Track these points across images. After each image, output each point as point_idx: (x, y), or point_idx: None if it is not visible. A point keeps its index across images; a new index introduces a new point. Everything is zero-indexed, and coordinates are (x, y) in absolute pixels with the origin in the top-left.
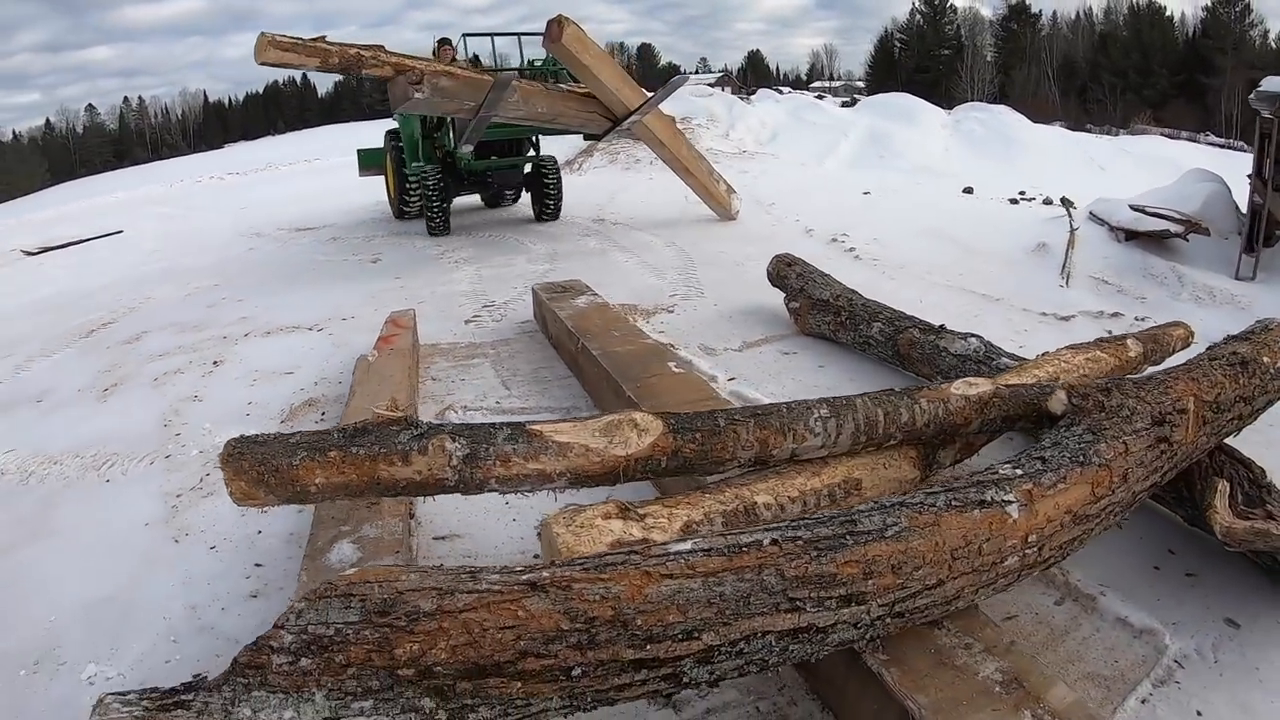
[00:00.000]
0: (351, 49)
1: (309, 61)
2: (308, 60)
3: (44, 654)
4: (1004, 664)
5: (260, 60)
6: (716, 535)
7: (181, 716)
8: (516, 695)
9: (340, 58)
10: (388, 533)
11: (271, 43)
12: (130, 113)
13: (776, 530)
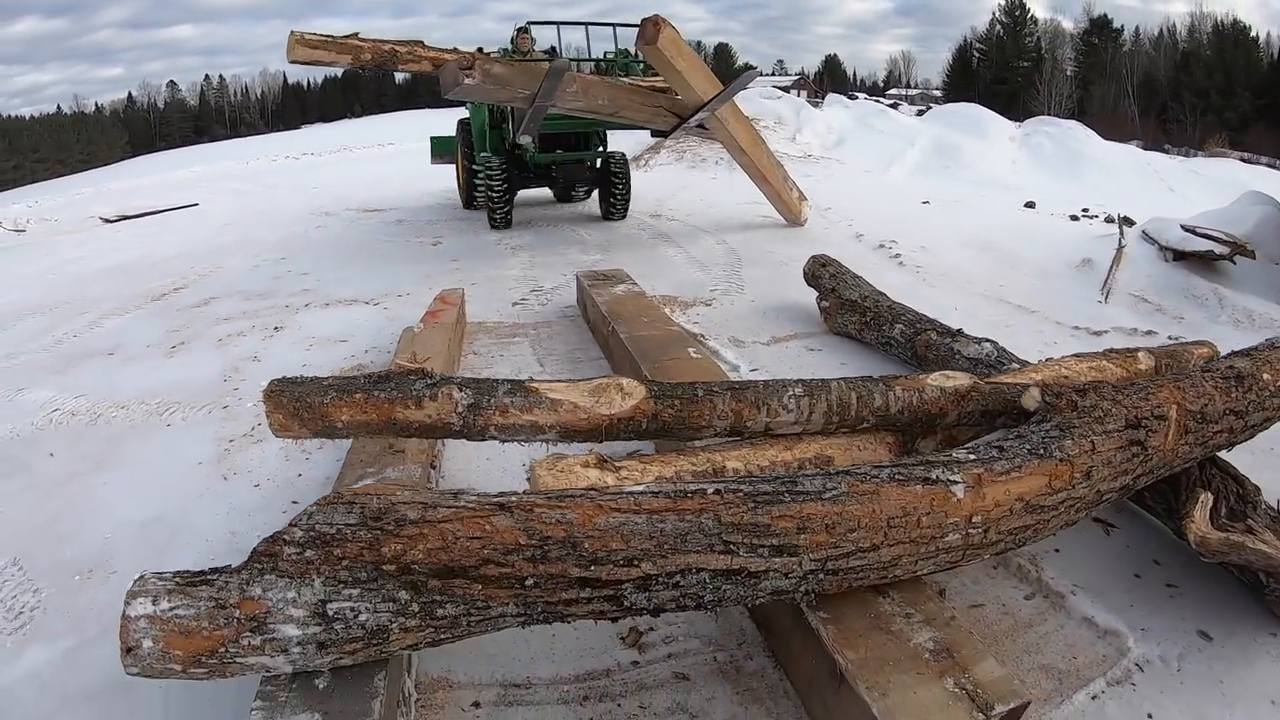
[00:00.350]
0: (385, 44)
1: (340, 58)
2: (339, 57)
3: (98, 564)
4: (939, 635)
5: (291, 59)
6: (668, 482)
7: (204, 590)
8: (478, 596)
9: (373, 54)
10: (407, 475)
11: (300, 41)
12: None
13: (721, 482)
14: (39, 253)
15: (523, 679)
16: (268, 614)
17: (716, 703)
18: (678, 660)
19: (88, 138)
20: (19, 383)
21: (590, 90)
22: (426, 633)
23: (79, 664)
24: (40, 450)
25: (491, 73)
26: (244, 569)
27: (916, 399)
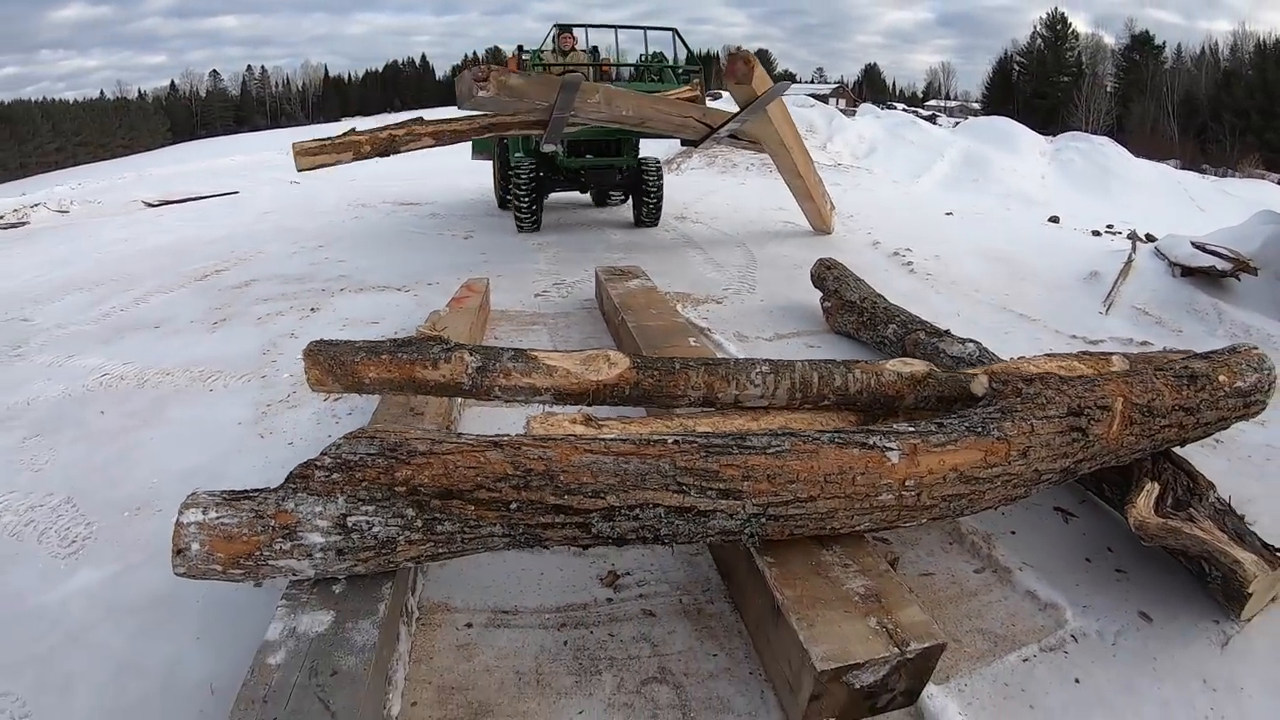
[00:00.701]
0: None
1: (341, 157)
2: (340, 155)
3: (144, 503)
4: (871, 583)
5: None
6: (636, 432)
7: (246, 504)
8: (471, 516)
9: (372, 144)
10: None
11: (300, 151)
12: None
13: (681, 435)
14: (84, 233)
15: (511, 607)
16: (298, 524)
17: (676, 636)
18: (647, 600)
19: (130, 123)
20: (70, 350)
21: (614, 101)
22: (427, 546)
23: (124, 584)
24: (91, 408)
25: (507, 85)
26: (280, 489)
27: (874, 381)
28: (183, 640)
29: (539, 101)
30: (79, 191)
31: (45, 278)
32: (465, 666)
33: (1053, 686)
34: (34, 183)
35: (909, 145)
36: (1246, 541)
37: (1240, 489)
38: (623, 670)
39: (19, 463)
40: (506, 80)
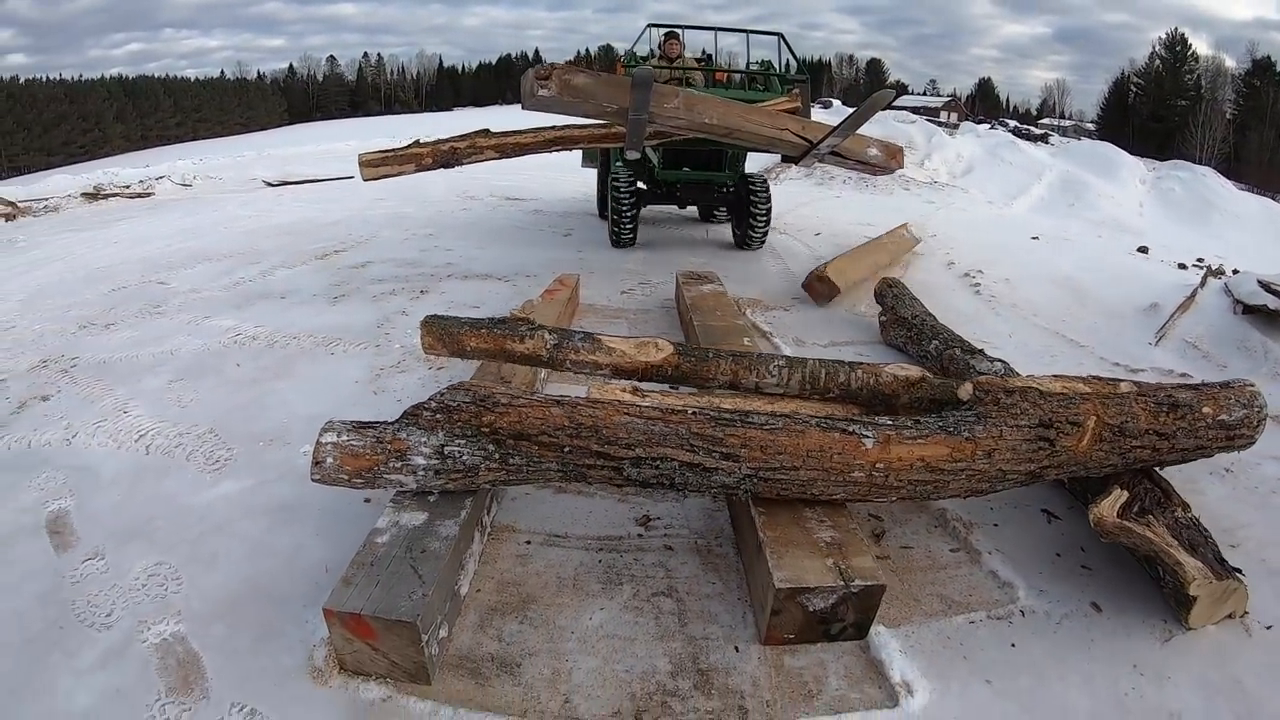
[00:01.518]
0: (445, 145)
1: (404, 168)
2: (402, 167)
3: (276, 436)
4: (838, 536)
5: (366, 179)
6: (668, 403)
7: (370, 432)
8: (535, 453)
9: (433, 156)
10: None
11: (364, 163)
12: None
13: (700, 408)
14: (207, 207)
15: (562, 533)
16: (408, 449)
17: (687, 566)
18: (670, 539)
19: (248, 103)
20: (205, 312)
21: (695, 107)
22: (501, 474)
23: (259, 494)
24: (228, 360)
25: (571, 84)
26: (396, 422)
27: (873, 380)
28: (304, 535)
29: (608, 104)
30: (200, 167)
31: (176, 247)
32: (521, 570)
33: (989, 646)
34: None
35: (1007, 166)
36: (1199, 552)
37: (1236, 515)
38: (640, 585)
39: (168, 400)
40: (571, 79)
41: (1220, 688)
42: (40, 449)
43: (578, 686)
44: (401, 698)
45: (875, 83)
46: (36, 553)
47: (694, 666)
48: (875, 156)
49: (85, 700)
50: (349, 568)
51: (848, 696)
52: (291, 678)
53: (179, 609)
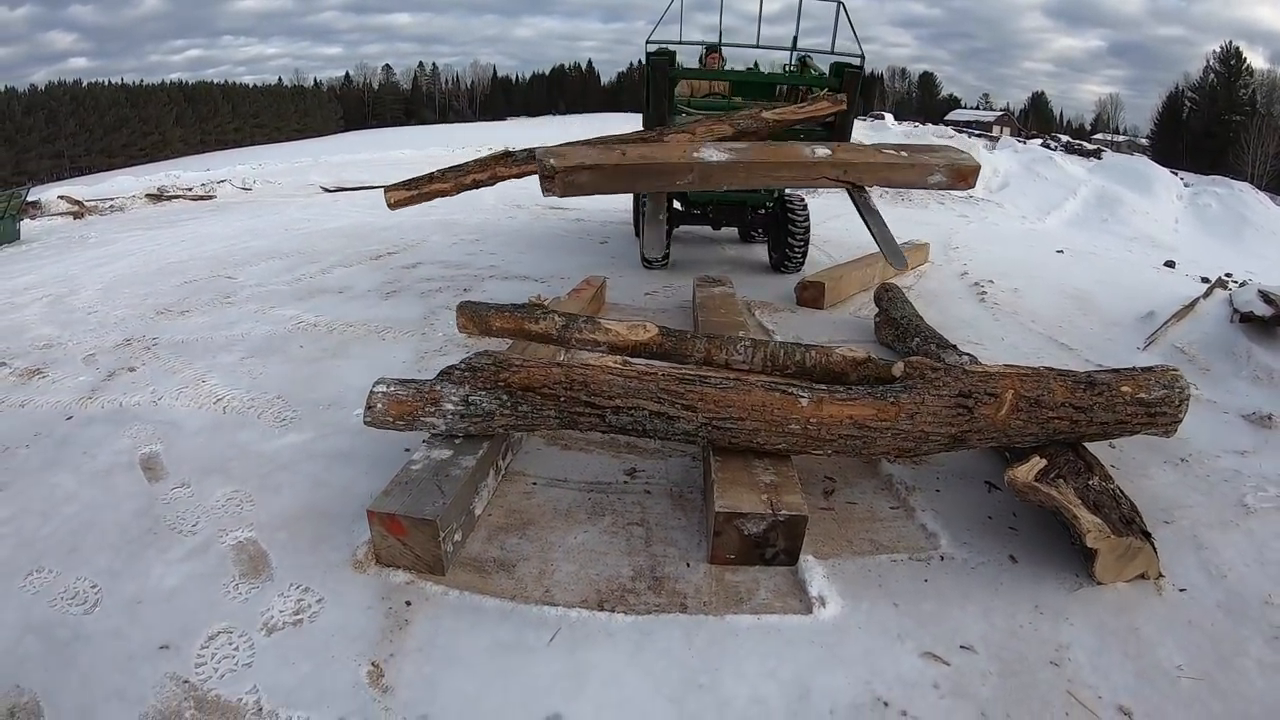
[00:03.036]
0: (466, 176)
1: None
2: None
3: (333, 402)
4: (776, 479)
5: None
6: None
7: (411, 385)
8: (538, 402)
9: (456, 188)
10: None
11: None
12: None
13: (669, 370)
14: (269, 210)
15: (562, 478)
16: (441, 398)
17: (660, 505)
18: (650, 485)
19: (304, 109)
20: (270, 303)
21: (713, 177)
22: (511, 419)
23: (319, 443)
24: (293, 343)
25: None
26: (434, 380)
27: (824, 360)
28: (355, 474)
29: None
30: (259, 172)
31: (241, 246)
32: (526, 502)
33: (904, 579)
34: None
35: (1043, 181)
36: (1102, 512)
37: (1179, 499)
38: (618, 516)
39: (241, 372)
40: (573, 179)
41: (1115, 631)
42: (131, 408)
43: (557, 583)
44: (421, 582)
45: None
46: (132, 482)
47: (651, 574)
48: (939, 182)
49: (173, 582)
50: (389, 485)
51: (771, 604)
52: (337, 568)
53: (251, 521)
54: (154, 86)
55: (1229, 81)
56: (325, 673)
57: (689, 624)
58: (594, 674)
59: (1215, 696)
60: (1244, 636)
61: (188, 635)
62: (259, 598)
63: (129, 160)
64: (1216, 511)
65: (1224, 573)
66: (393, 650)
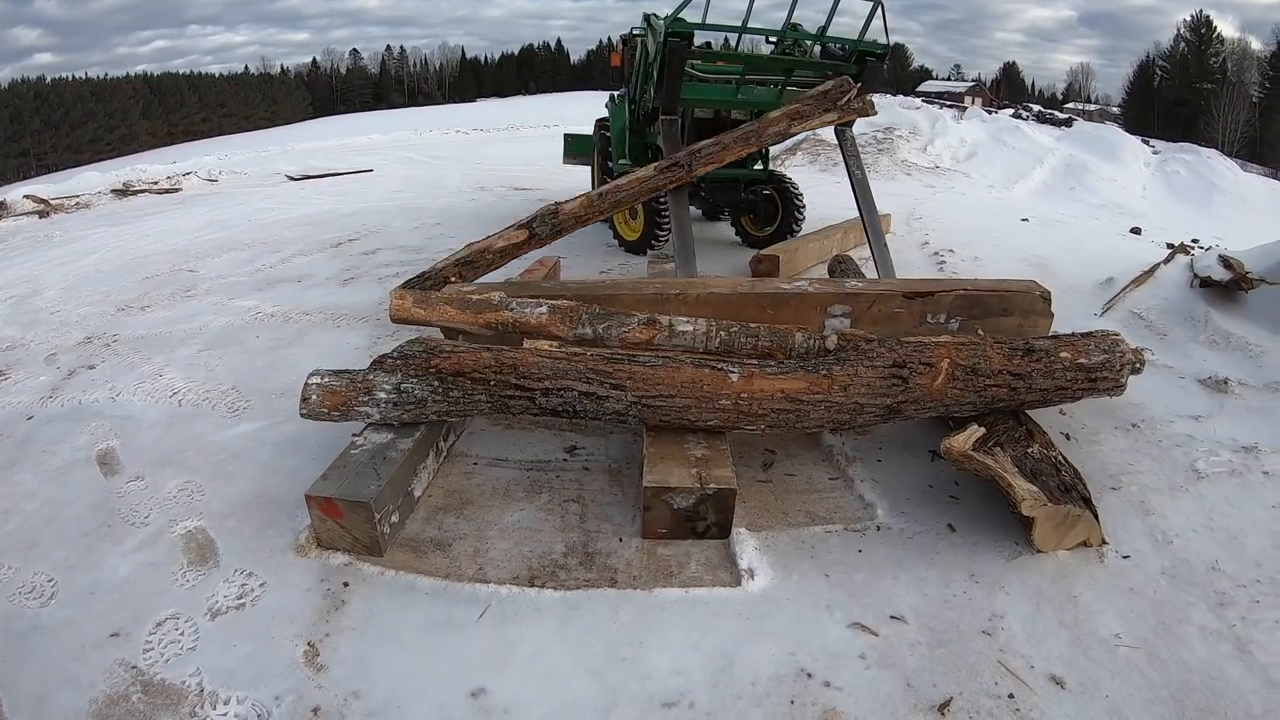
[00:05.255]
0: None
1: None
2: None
3: (285, 391)
4: (707, 454)
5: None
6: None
7: (345, 375)
8: (469, 388)
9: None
10: None
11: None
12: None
13: (597, 349)
14: (234, 201)
15: (503, 457)
16: (374, 386)
17: (597, 482)
18: (588, 463)
19: (272, 97)
20: (231, 294)
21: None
22: (443, 405)
23: (269, 431)
24: (250, 333)
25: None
26: (367, 369)
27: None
28: (304, 460)
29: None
30: (226, 162)
31: (204, 238)
32: (465, 482)
33: (837, 550)
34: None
35: (1010, 150)
36: (1039, 480)
37: (1129, 464)
38: (555, 493)
39: (198, 364)
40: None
41: (1051, 599)
42: (90, 405)
43: (491, 560)
44: (359, 564)
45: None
46: (90, 478)
47: (583, 550)
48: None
49: (126, 571)
50: (327, 469)
51: (701, 577)
52: (281, 552)
53: (201, 511)
54: (119, 80)
55: (1200, 50)
56: (264, 654)
57: (616, 598)
58: (520, 648)
59: (1153, 665)
60: (1187, 603)
61: (137, 622)
62: (205, 584)
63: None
64: (1166, 477)
65: (1170, 539)
66: (328, 630)
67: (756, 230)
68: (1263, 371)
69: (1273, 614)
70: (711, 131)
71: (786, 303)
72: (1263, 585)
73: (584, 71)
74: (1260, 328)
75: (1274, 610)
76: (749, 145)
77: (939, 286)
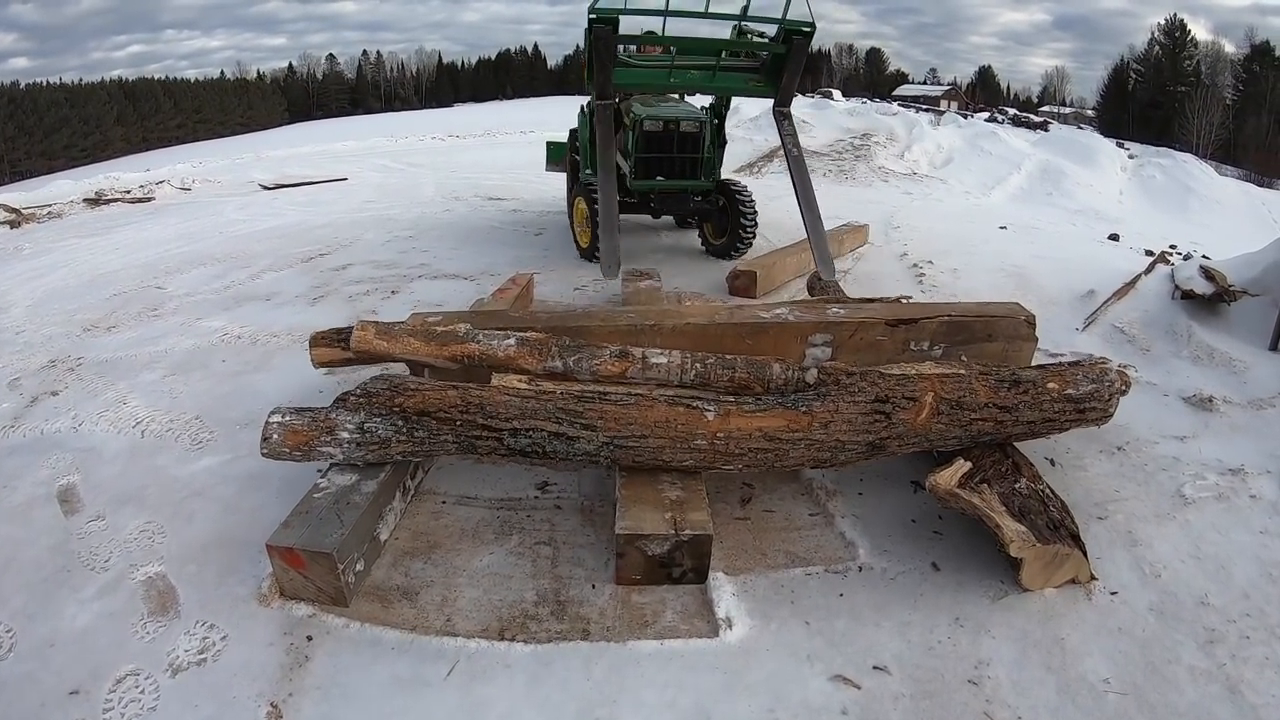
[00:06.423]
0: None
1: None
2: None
3: (250, 421)
4: (683, 495)
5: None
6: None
7: (307, 414)
8: (434, 428)
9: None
10: None
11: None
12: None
13: (566, 389)
14: (206, 211)
15: (473, 494)
16: (336, 426)
17: (570, 521)
18: (561, 500)
19: (248, 103)
20: (198, 314)
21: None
22: (408, 445)
23: (233, 466)
24: (216, 357)
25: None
26: (328, 408)
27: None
28: (267, 497)
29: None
30: (200, 170)
31: (174, 251)
32: (433, 523)
33: (817, 594)
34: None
35: (987, 156)
36: (1028, 519)
37: (1114, 490)
38: (526, 535)
39: (162, 391)
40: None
41: (1039, 642)
42: (51, 435)
43: (459, 610)
44: (323, 615)
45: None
46: (50, 517)
47: (555, 598)
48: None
49: (85, 620)
50: (289, 515)
51: (677, 627)
52: (243, 602)
53: (162, 554)
54: (94, 85)
55: (1173, 53)
56: (226, 715)
57: (590, 652)
58: (490, 710)
59: (1143, 711)
60: (1176, 642)
61: (97, 679)
62: (166, 636)
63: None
64: (1153, 503)
65: (1158, 571)
66: (292, 690)
67: (715, 239)
68: (1247, 388)
69: (1262, 650)
70: (660, 144)
71: (766, 332)
72: (1251, 619)
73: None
74: (1243, 342)
75: (1263, 646)
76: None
77: (923, 313)
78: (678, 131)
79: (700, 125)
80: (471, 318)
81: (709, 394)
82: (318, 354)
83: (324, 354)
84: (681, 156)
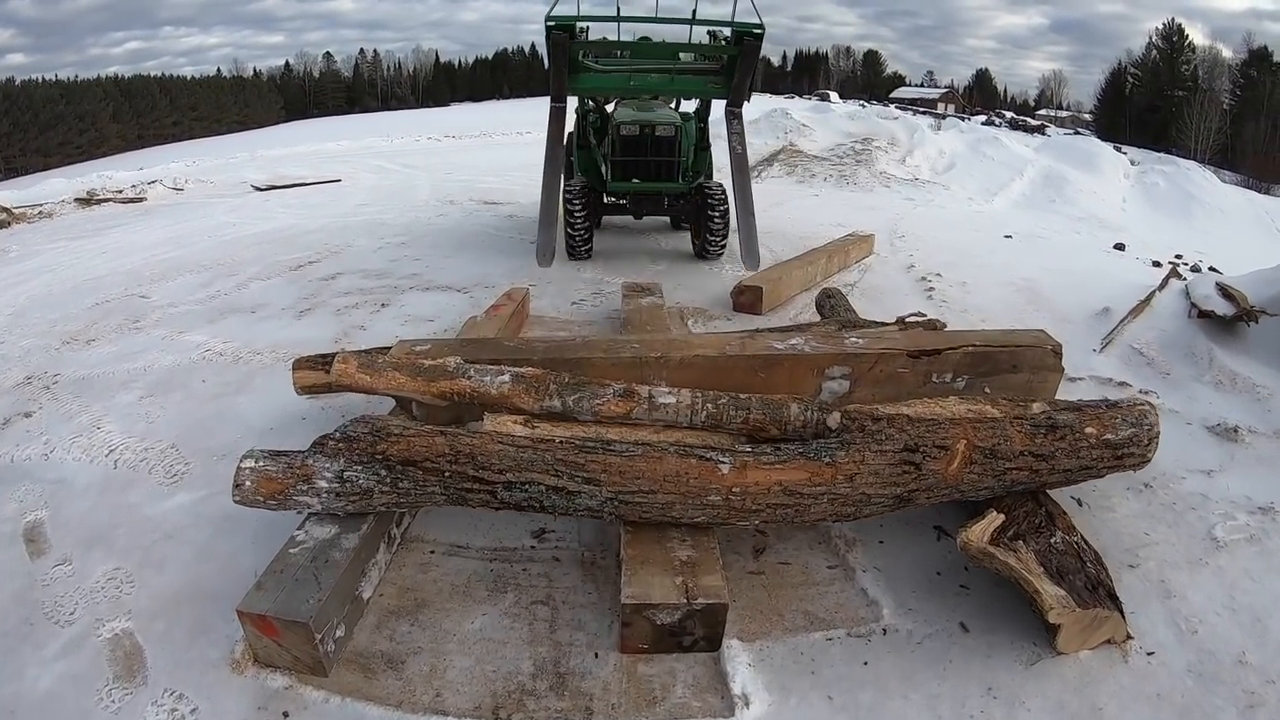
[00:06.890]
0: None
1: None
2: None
3: (229, 451)
4: (694, 555)
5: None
6: (548, 433)
7: (283, 459)
8: (420, 478)
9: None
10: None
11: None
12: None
13: (567, 436)
14: (197, 213)
15: (464, 543)
16: (313, 474)
17: (569, 576)
18: (559, 551)
19: (244, 100)
20: (180, 326)
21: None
22: (393, 497)
23: (208, 504)
24: (196, 377)
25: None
26: (305, 451)
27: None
28: (243, 542)
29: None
30: (193, 169)
31: (161, 257)
32: (421, 577)
33: (840, 663)
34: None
35: (989, 162)
36: (1066, 579)
37: (1144, 533)
38: (522, 593)
39: (137, 415)
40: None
41: (1076, 714)
42: (22, 463)
43: (449, 683)
44: (300, 687)
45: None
46: (14, 559)
47: (554, 669)
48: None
49: (47, 684)
50: (263, 575)
51: (689, 704)
52: (215, 668)
53: (129, 608)
54: (90, 81)
55: (1171, 58)
56: None
57: None
58: None
59: None
60: (1216, 707)
61: None
62: (131, 706)
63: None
64: (1184, 548)
65: (1194, 627)
66: None
67: (694, 239)
68: (1271, 416)
69: None
70: (636, 149)
71: (780, 364)
72: None
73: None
74: (1266, 366)
75: None
76: None
77: (946, 343)
78: (653, 135)
79: (676, 129)
80: (461, 347)
81: (722, 441)
82: (300, 378)
83: (307, 378)
84: (657, 159)
